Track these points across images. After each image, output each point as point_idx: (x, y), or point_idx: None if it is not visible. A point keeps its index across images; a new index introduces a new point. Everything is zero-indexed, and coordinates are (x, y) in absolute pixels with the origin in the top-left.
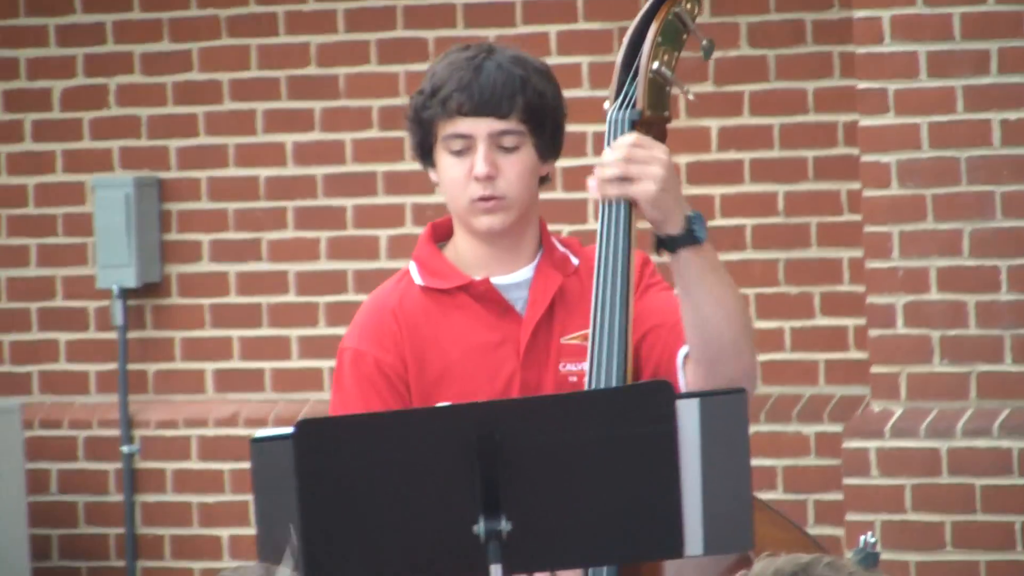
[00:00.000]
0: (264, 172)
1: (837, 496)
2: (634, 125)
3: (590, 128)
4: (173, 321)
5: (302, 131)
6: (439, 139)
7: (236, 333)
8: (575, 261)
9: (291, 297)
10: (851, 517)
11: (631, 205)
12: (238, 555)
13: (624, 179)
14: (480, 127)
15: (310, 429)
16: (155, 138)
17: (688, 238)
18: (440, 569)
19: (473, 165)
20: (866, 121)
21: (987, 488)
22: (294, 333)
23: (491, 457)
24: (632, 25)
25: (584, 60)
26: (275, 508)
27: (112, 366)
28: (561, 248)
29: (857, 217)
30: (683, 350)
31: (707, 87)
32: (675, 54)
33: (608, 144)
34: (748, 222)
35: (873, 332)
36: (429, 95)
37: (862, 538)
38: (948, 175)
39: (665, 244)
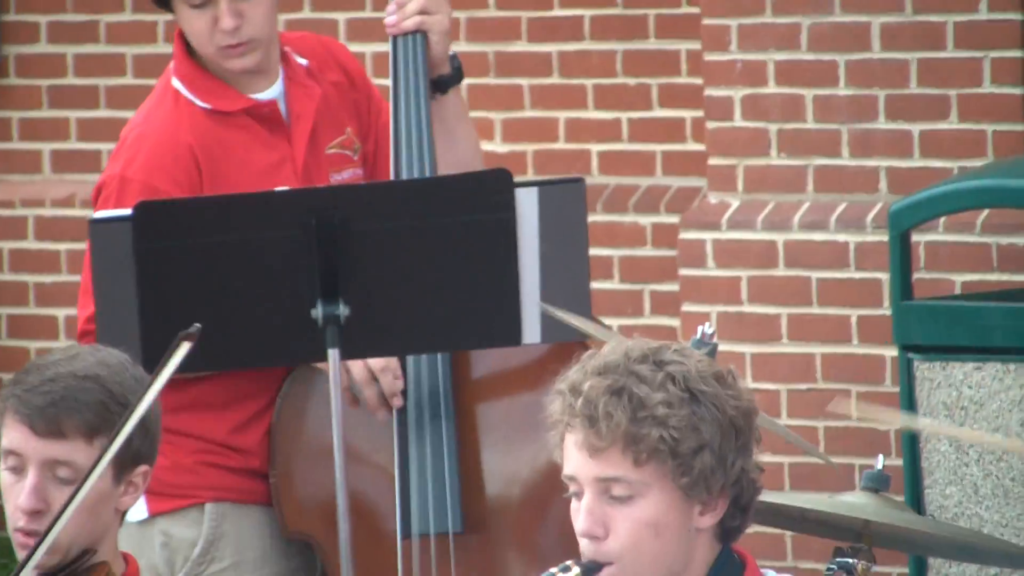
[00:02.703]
0: None
1: (673, 287)
2: None
3: None
4: (10, 101)
5: None
6: None
7: (73, 114)
8: (303, 62)
9: (128, 79)
10: (687, 308)
11: (424, 46)
12: (74, 336)
13: (424, 12)
14: None
15: (149, 211)
16: None
17: (458, 75)
18: (279, 353)
19: (216, 18)
20: None
21: (823, 281)
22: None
23: (330, 242)
24: None
25: None
26: (114, 289)
27: None
28: (286, 49)
29: (695, 9)
30: None
31: None
32: None
33: None
34: (586, 13)
35: (711, 124)
36: None
37: (700, 328)
38: None
39: (439, 85)
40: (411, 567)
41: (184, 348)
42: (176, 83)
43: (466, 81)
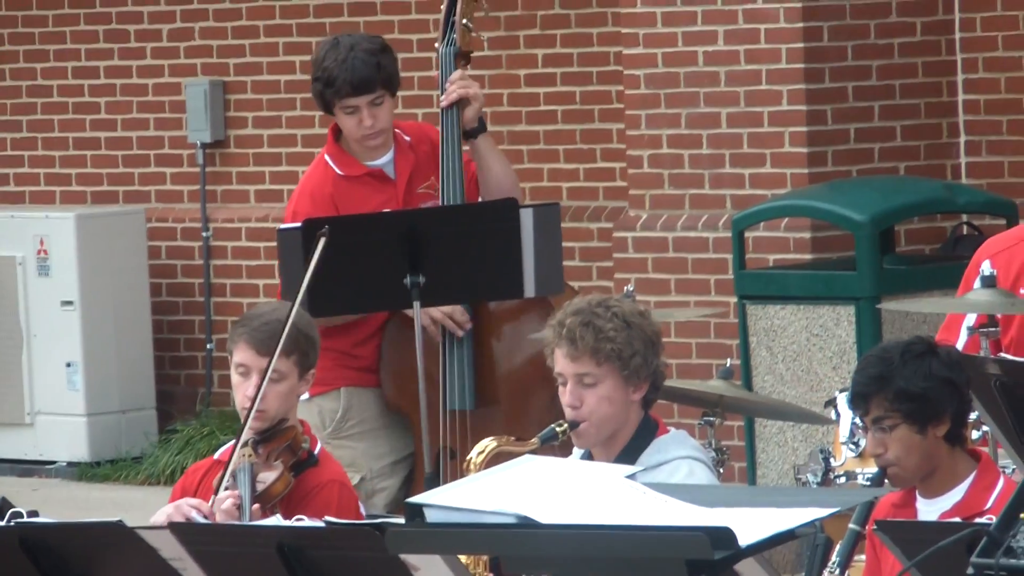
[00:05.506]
0: None
1: None
2: (457, 54)
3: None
4: None
5: None
6: (336, 106)
7: None
8: (408, 139)
9: None
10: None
11: (460, 113)
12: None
13: (467, 91)
14: (361, 100)
15: (311, 225)
16: None
17: (482, 127)
18: (386, 305)
19: (362, 120)
20: None
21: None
22: None
23: (413, 241)
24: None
25: (414, 38)
26: (292, 269)
27: None
28: (397, 131)
29: None
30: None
31: None
32: (472, 9)
33: (444, 69)
34: None
35: None
36: (325, 85)
37: (625, 288)
38: None
39: (471, 134)
40: (444, 428)
41: (321, 242)
42: (327, 158)
43: None
